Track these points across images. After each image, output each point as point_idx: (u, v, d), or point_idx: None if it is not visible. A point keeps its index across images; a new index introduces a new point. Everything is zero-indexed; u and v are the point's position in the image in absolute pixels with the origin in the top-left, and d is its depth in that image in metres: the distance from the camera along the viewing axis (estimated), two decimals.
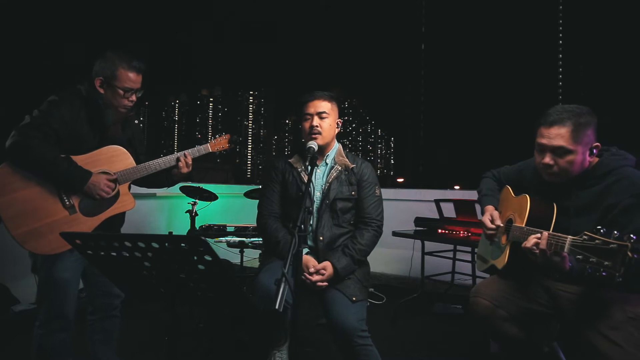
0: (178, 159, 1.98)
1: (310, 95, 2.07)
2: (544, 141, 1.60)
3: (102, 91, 1.81)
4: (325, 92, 2.09)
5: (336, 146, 2.16)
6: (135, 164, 1.89)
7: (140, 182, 2.02)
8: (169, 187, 2.15)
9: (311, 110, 2.04)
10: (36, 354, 1.77)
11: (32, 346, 1.77)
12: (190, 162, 2.00)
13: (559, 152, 1.58)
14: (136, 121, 2.03)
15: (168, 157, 1.99)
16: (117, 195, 1.84)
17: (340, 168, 2.09)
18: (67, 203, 1.73)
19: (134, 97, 1.85)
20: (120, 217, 1.95)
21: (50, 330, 1.75)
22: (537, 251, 1.47)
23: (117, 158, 1.85)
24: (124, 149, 1.88)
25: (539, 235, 1.49)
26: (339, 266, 1.91)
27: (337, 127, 2.13)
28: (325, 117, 2.04)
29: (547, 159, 1.61)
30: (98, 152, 1.81)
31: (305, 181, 2.02)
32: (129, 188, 1.91)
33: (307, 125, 2.04)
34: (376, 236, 2.07)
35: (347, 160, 2.11)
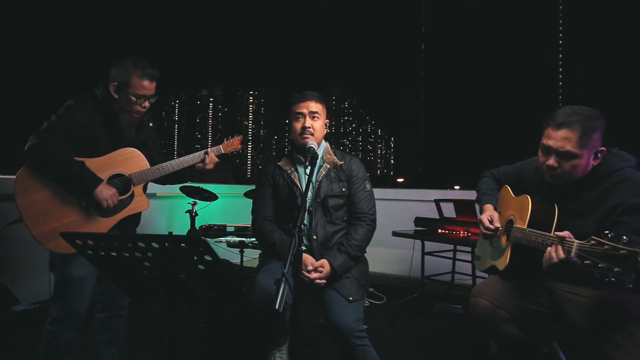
0: (206, 153, 2.07)
1: (301, 96, 2.08)
2: (550, 143, 1.58)
3: (116, 96, 1.86)
4: (315, 93, 2.10)
5: (323, 145, 2.17)
6: (149, 166, 1.94)
7: (164, 181, 2.08)
8: (191, 181, 2.23)
9: (303, 110, 2.04)
10: (43, 350, 1.78)
11: (39, 342, 1.78)
12: (215, 160, 2.10)
13: (564, 155, 1.56)
14: (150, 124, 2.06)
15: (184, 158, 2.04)
16: (132, 196, 1.90)
17: (329, 166, 2.10)
18: (84, 204, 1.79)
19: (146, 104, 1.90)
20: (136, 218, 2.00)
21: (61, 328, 1.77)
22: (557, 261, 1.40)
23: (132, 160, 1.90)
24: (139, 151, 1.92)
25: (553, 248, 1.42)
26: (335, 264, 1.92)
27: (325, 128, 2.15)
28: (317, 118, 2.05)
29: (551, 161, 1.59)
30: (114, 155, 1.86)
31: (295, 182, 2.04)
32: (145, 189, 1.96)
33: (298, 125, 2.04)
34: (370, 230, 2.08)
35: (335, 157, 2.12)
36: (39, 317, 1.82)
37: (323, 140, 2.17)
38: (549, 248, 1.46)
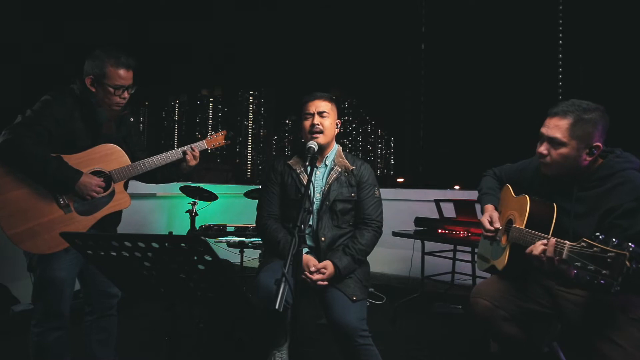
0: (185, 152, 2.00)
1: (310, 96, 2.11)
2: (543, 130, 1.63)
3: (93, 90, 1.81)
4: (325, 93, 2.13)
5: (335, 147, 2.18)
6: (130, 162, 1.88)
7: (148, 178, 2.02)
8: (177, 180, 2.16)
9: (312, 109, 2.06)
10: (34, 352, 1.77)
11: (29, 345, 1.77)
12: (197, 155, 2.03)
13: (553, 142, 1.59)
14: (131, 119, 2.01)
15: (165, 154, 1.98)
16: (113, 193, 1.84)
17: (340, 169, 2.10)
18: (62, 202, 1.73)
19: (125, 94, 1.85)
20: (116, 216, 1.94)
21: (46, 329, 1.75)
22: (545, 259, 1.43)
23: (111, 156, 1.85)
24: (119, 147, 1.87)
25: (545, 241, 1.45)
26: (340, 265, 1.92)
27: (337, 128, 2.15)
28: (326, 117, 2.06)
29: (542, 148, 1.63)
30: (92, 151, 1.81)
31: (305, 182, 2.04)
32: (125, 187, 1.91)
33: (307, 124, 2.06)
34: (376, 236, 2.09)
35: (346, 161, 2.13)
36: None
37: (334, 143, 2.18)
38: (539, 242, 1.47)
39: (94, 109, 1.80)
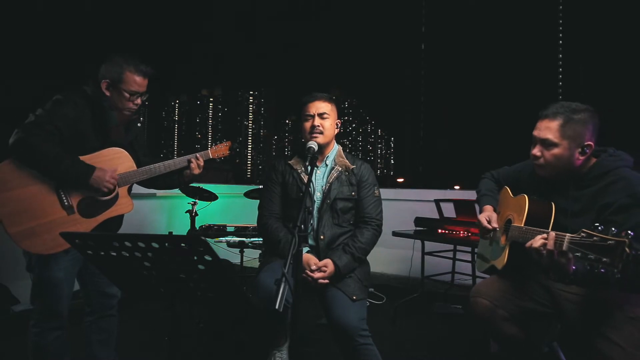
0: (190, 161, 2.01)
1: (310, 97, 2.12)
2: (535, 132, 1.67)
3: (108, 94, 1.82)
4: (324, 94, 2.14)
5: (336, 147, 2.19)
6: (136, 167, 1.89)
7: (150, 183, 2.03)
8: (179, 187, 2.16)
9: (312, 111, 2.07)
10: (33, 352, 1.77)
11: (28, 345, 1.77)
12: (202, 164, 2.04)
13: (545, 144, 1.63)
14: (139, 124, 2.03)
15: (171, 161, 2.00)
16: (116, 197, 1.84)
17: (340, 169, 2.11)
18: (66, 203, 1.73)
19: (139, 101, 1.87)
20: (118, 220, 1.95)
21: (45, 329, 1.75)
22: (544, 252, 1.44)
23: (118, 160, 1.85)
24: (126, 152, 1.88)
25: (545, 235, 1.46)
26: (340, 264, 1.93)
27: (337, 128, 2.16)
28: (327, 118, 2.07)
29: (535, 150, 1.67)
30: (100, 154, 1.81)
31: (306, 182, 2.04)
32: (129, 191, 1.92)
33: (308, 125, 2.07)
34: (376, 235, 2.09)
35: (347, 161, 2.14)
36: None
37: (335, 143, 2.19)
38: (539, 236, 1.48)
39: (105, 112, 1.81)
